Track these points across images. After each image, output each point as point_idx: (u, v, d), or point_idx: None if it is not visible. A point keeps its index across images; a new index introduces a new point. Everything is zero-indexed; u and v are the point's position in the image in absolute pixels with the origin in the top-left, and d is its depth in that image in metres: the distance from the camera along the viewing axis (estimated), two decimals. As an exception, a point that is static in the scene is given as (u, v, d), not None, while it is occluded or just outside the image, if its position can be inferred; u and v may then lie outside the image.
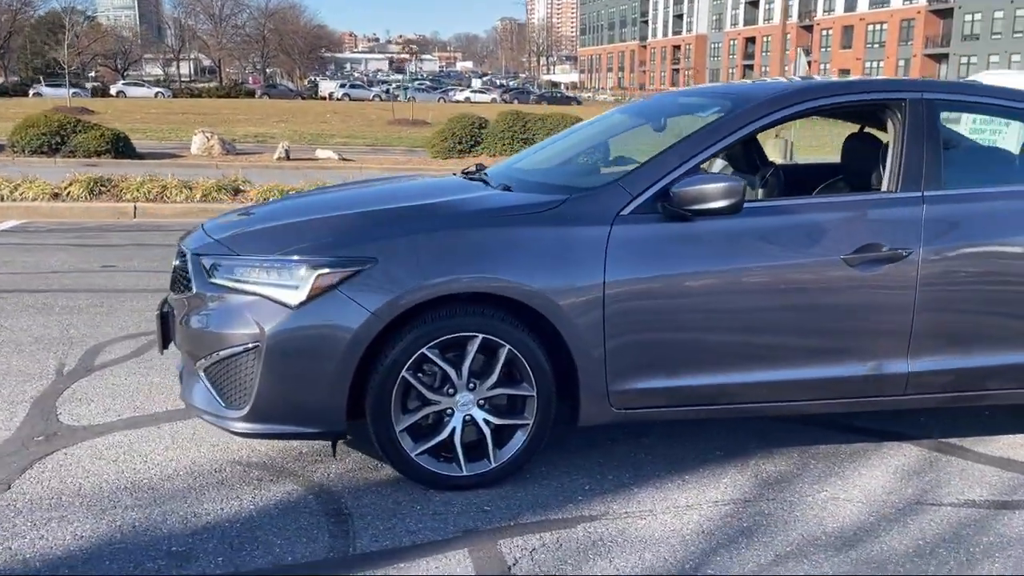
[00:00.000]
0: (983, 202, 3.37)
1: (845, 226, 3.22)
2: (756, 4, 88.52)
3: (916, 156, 3.32)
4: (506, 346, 2.99)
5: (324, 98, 60.41)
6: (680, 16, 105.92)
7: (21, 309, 5.43)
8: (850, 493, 3.17)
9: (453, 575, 2.56)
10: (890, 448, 3.59)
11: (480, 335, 2.97)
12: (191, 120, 27.67)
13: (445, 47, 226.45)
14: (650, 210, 3.10)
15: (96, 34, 66.04)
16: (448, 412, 3.03)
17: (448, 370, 2.99)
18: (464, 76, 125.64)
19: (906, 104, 3.37)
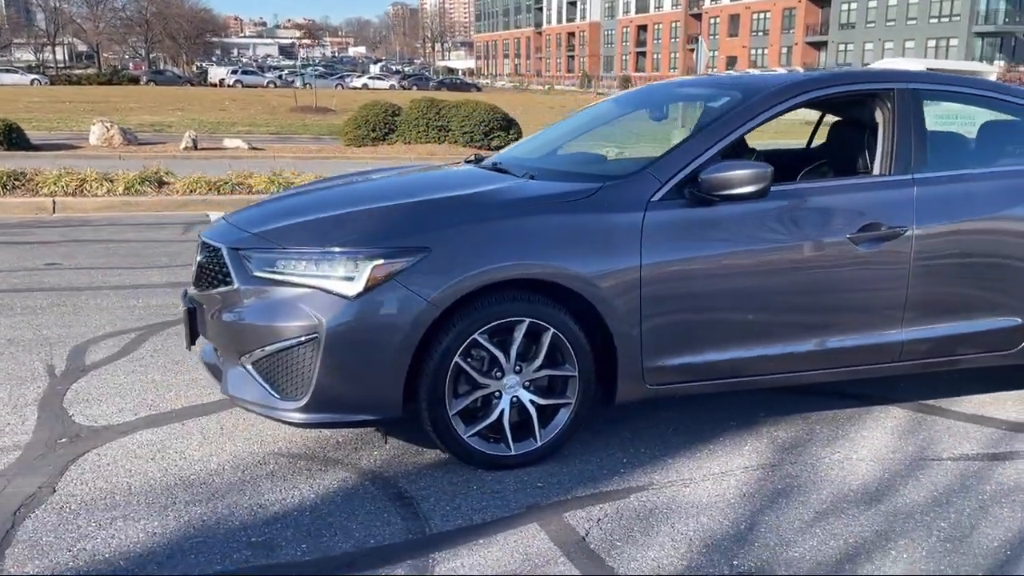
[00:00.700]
0: (961, 183, 3.70)
1: (850, 207, 3.49)
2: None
3: (905, 141, 3.61)
4: (551, 329, 3.12)
5: (215, 85, 58.32)
6: (574, 3, 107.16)
7: (-20, 311, 5.19)
8: (860, 453, 3.45)
9: (534, 547, 2.68)
10: (879, 411, 3.91)
11: (528, 319, 3.08)
12: (81, 109, 26.35)
13: (336, 32, 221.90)
14: (677, 196, 3.28)
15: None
16: (496, 395, 3.14)
17: (497, 354, 3.09)
18: (359, 62, 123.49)
19: (895, 93, 3.66)
